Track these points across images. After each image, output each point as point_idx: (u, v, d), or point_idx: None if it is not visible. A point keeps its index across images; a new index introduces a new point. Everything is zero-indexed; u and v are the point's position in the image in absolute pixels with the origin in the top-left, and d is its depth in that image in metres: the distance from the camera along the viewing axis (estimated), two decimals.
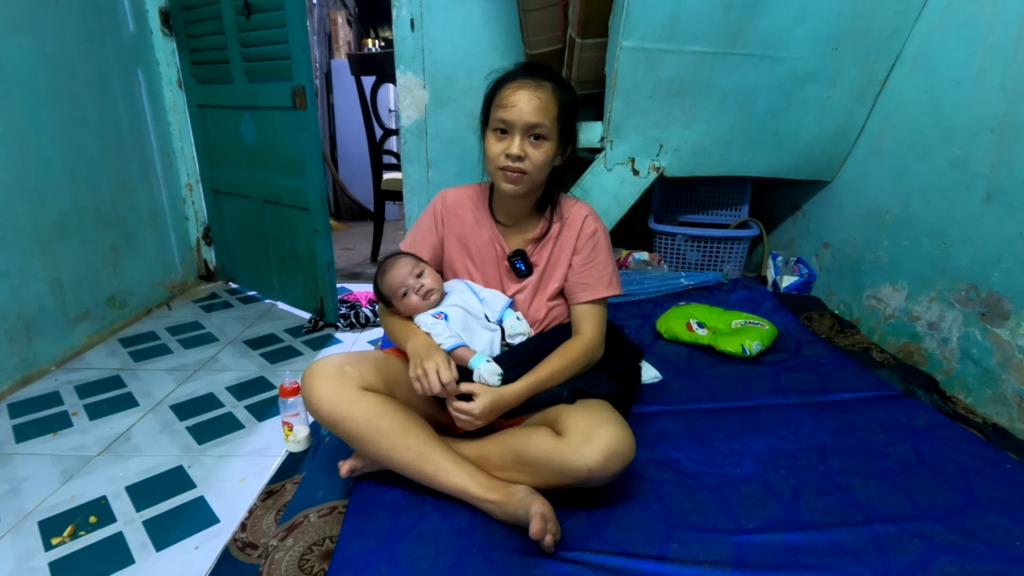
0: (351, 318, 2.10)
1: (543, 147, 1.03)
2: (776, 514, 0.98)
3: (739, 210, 2.27)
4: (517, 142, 1.02)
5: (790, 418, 1.28)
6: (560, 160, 1.10)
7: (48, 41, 1.76)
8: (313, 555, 0.93)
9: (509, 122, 1.02)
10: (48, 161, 1.77)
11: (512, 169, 1.03)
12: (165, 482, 1.26)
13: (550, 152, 1.04)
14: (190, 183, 2.46)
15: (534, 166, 1.03)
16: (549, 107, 1.02)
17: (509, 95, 1.02)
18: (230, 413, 1.54)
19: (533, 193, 1.13)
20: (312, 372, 1.02)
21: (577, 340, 1.12)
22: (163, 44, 2.26)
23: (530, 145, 1.03)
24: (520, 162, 1.02)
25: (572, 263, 1.15)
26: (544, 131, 1.02)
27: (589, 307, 1.14)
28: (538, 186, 1.10)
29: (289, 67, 1.86)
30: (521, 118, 1.01)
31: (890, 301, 1.72)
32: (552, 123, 1.03)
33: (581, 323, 1.14)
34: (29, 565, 1.03)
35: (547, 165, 1.06)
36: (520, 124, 1.01)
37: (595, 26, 1.75)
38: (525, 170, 1.03)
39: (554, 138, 1.04)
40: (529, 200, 1.15)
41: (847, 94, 1.77)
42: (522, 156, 1.02)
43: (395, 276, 1.11)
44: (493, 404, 1.00)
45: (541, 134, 1.02)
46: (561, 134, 1.06)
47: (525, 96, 1.01)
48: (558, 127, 1.04)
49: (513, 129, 1.02)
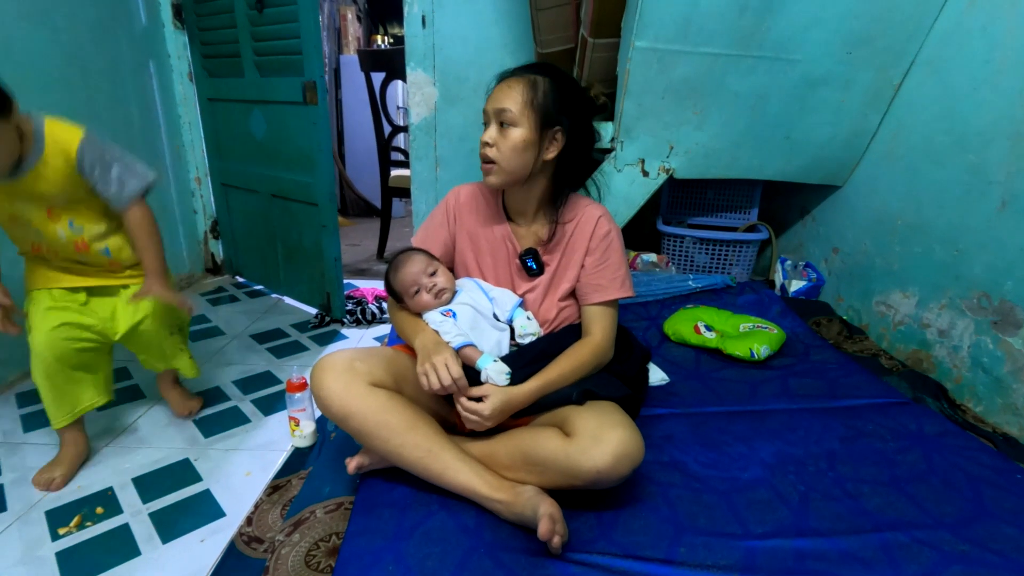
0: (357, 314, 2.10)
1: (510, 133, 1.02)
2: (785, 520, 0.98)
3: (748, 213, 2.26)
4: (488, 130, 1.04)
5: (799, 423, 1.28)
6: (549, 154, 1.06)
7: (62, 32, 1.76)
8: (320, 551, 0.93)
9: (486, 112, 1.05)
10: None
11: (483, 157, 1.05)
12: (171, 475, 1.26)
13: (519, 139, 1.02)
14: (199, 176, 2.46)
15: (501, 153, 1.03)
16: (517, 94, 1.02)
17: (492, 90, 1.06)
18: (236, 407, 1.54)
19: (530, 187, 1.10)
20: (322, 367, 1.02)
21: (587, 342, 1.11)
22: (175, 37, 2.26)
23: (498, 132, 1.03)
24: (489, 148, 1.04)
25: (584, 264, 1.14)
26: (510, 117, 1.02)
27: (600, 308, 1.13)
28: (519, 177, 1.07)
29: (300, 62, 1.86)
30: (491, 107, 1.04)
31: (900, 307, 1.71)
32: (521, 109, 1.01)
33: (592, 324, 1.13)
34: (37, 554, 1.03)
35: (516, 153, 1.03)
36: (490, 112, 1.04)
37: (607, 26, 1.75)
38: (492, 157, 1.04)
39: (525, 125, 1.02)
40: (533, 196, 1.13)
41: (861, 98, 1.76)
42: (490, 143, 1.04)
43: (408, 273, 1.11)
44: (503, 405, 0.99)
45: (507, 120, 1.02)
46: (540, 123, 1.03)
47: (501, 86, 1.05)
48: (531, 115, 1.02)
49: (488, 118, 1.05)
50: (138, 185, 1.16)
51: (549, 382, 1.04)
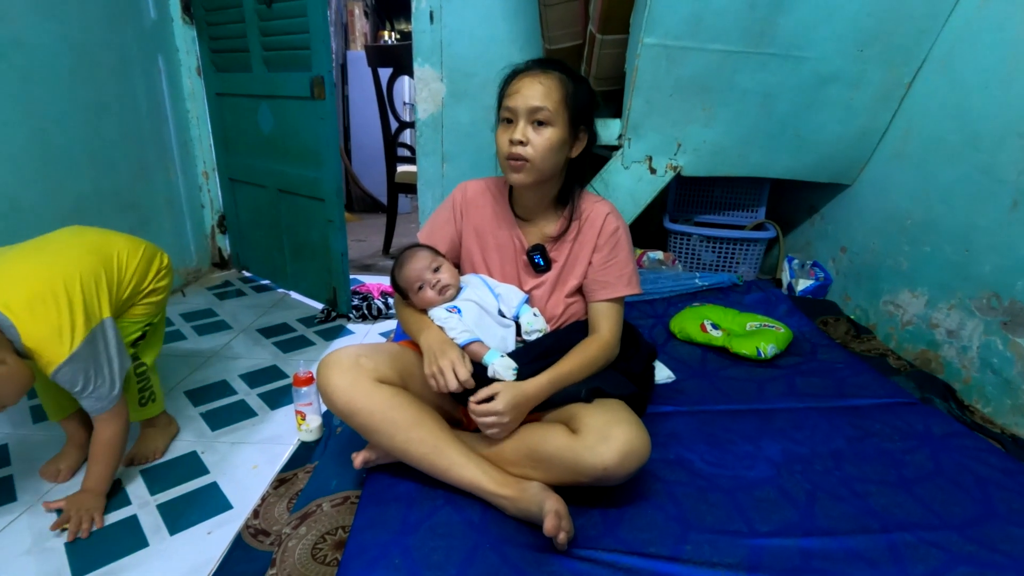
0: (363, 309, 2.10)
1: (546, 132, 1.01)
2: (791, 518, 0.97)
3: (756, 212, 2.25)
4: (520, 127, 1.02)
5: (805, 422, 1.27)
6: (574, 152, 1.08)
7: (72, 26, 1.77)
8: (326, 544, 0.94)
9: (513, 109, 1.02)
10: (68, 145, 1.78)
11: (515, 156, 1.02)
12: (179, 467, 1.27)
13: (554, 139, 1.02)
14: (206, 171, 2.47)
15: (536, 152, 1.02)
16: (552, 92, 1.01)
17: (515, 84, 1.03)
18: (243, 400, 1.55)
19: (546, 186, 1.11)
20: (328, 363, 1.03)
21: (595, 339, 1.10)
22: (183, 32, 2.27)
23: (532, 130, 1.02)
24: (522, 147, 1.01)
25: (592, 260, 1.14)
26: (547, 116, 1.01)
27: (607, 305, 1.13)
28: (548, 176, 1.07)
29: (309, 57, 1.86)
30: (523, 103, 1.01)
31: (908, 307, 1.70)
32: (556, 108, 1.01)
33: (599, 321, 1.12)
34: (45, 545, 1.04)
35: (552, 153, 1.03)
36: (523, 109, 1.01)
37: (616, 22, 1.74)
38: (526, 156, 1.02)
39: (560, 125, 1.02)
40: (546, 193, 1.13)
41: (871, 96, 1.75)
42: (524, 141, 1.01)
43: (412, 269, 1.11)
44: (515, 399, 0.98)
45: (543, 119, 1.01)
46: (571, 122, 1.03)
47: (528, 82, 1.02)
48: (565, 114, 1.02)
49: (517, 116, 1.02)
50: (100, 408, 1.08)
51: (560, 376, 1.03)
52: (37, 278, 1.02)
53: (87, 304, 1.05)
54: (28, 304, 0.98)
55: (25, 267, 1.04)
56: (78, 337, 1.01)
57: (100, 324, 1.07)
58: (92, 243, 1.16)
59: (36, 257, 1.08)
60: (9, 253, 1.08)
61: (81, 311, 1.03)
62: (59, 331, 1.00)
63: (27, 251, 1.10)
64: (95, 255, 1.13)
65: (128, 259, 1.19)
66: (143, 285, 1.22)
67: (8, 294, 0.97)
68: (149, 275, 1.24)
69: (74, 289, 1.04)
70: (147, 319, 1.25)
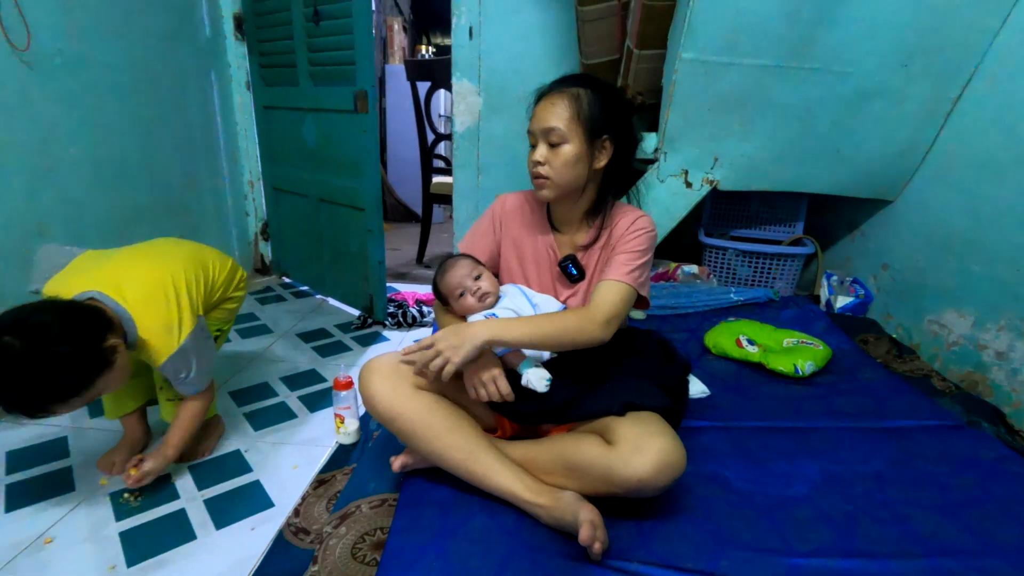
0: (398, 317, 2.15)
1: (561, 151, 1.05)
2: (830, 539, 0.96)
3: (793, 227, 2.22)
4: (538, 149, 1.07)
5: (844, 442, 1.25)
6: (598, 163, 1.08)
7: (134, 43, 1.88)
8: (365, 544, 0.96)
9: (532, 132, 1.09)
10: (127, 156, 1.89)
11: (536, 175, 1.08)
12: (224, 465, 1.33)
13: (570, 155, 1.05)
14: (252, 180, 2.57)
15: (553, 170, 1.06)
16: (563, 111, 1.04)
17: (535, 108, 1.09)
18: (284, 402, 1.60)
19: (576, 197, 1.12)
20: (369, 369, 1.06)
21: (579, 309, 1.07)
22: (235, 48, 2.38)
23: (549, 150, 1.06)
24: (540, 167, 1.07)
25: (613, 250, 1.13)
26: (558, 136, 1.04)
27: (608, 284, 1.08)
28: (571, 190, 1.09)
29: (353, 72, 1.93)
30: (538, 126, 1.07)
31: (954, 327, 1.65)
32: (568, 126, 1.04)
33: (593, 297, 1.08)
34: (103, 533, 1.10)
35: (569, 168, 1.06)
36: (538, 132, 1.07)
37: (654, 38, 1.76)
38: (546, 175, 1.07)
39: (575, 141, 1.05)
40: (579, 205, 1.15)
41: (916, 111, 1.72)
42: (542, 161, 1.06)
43: (454, 276, 1.14)
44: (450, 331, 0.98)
45: (555, 140, 1.05)
46: (588, 135, 1.05)
47: (542, 105, 1.07)
48: (579, 129, 1.04)
49: (536, 138, 1.08)
50: (195, 390, 1.21)
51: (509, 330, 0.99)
52: (150, 278, 1.15)
53: (192, 302, 1.18)
54: (143, 300, 1.11)
55: (138, 268, 1.17)
56: (185, 331, 1.14)
57: (200, 320, 1.19)
58: (190, 251, 1.30)
59: (145, 260, 1.22)
60: (117, 255, 1.22)
61: (188, 308, 1.17)
62: (169, 325, 1.13)
63: (135, 254, 1.24)
64: (194, 261, 1.26)
65: (219, 269, 1.33)
66: (227, 292, 1.36)
67: (126, 291, 1.10)
68: (232, 284, 1.38)
69: (181, 289, 1.17)
70: (220, 324, 1.38)
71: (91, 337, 1.00)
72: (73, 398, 1.00)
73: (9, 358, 0.92)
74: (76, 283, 1.10)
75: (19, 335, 0.93)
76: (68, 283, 1.10)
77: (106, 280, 1.11)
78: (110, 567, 1.02)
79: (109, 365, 1.02)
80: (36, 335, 0.94)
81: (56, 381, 0.96)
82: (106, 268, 1.16)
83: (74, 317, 1.00)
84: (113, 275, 1.13)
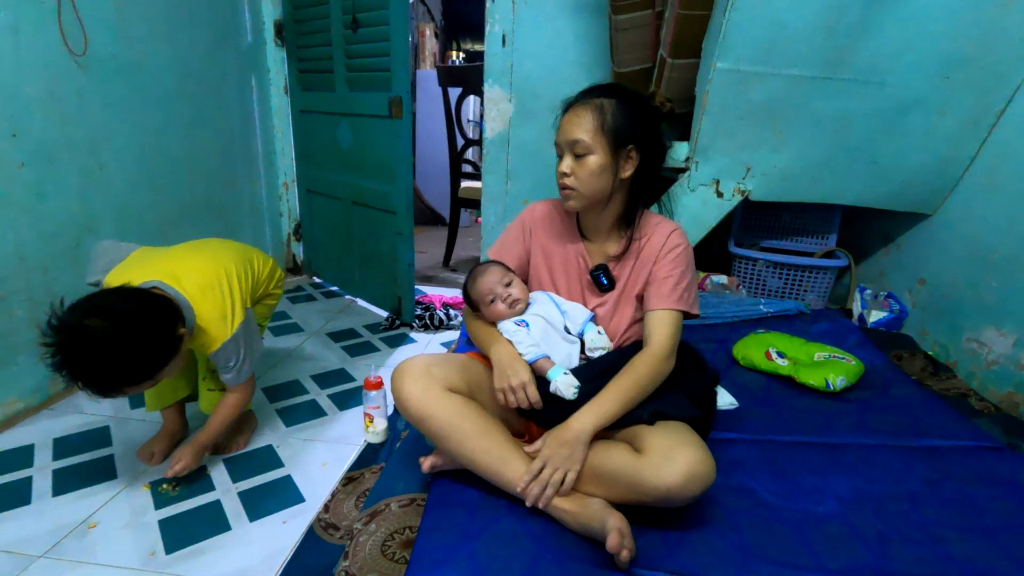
0: (426, 319, 2.18)
1: (586, 162, 1.07)
2: (862, 558, 0.94)
3: (826, 239, 2.19)
4: (564, 161, 1.09)
5: (877, 460, 1.22)
6: (624, 172, 1.09)
7: (181, 49, 1.96)
8: (394, 542, 0.98)
9: (559, 144, 1.11)
10: (173, 157, 1.96)
11: (563, 186, 1.10)
12: (257, 459, 1.36)
13: (595, 166, 1.06)
14: (287, 182, 2.64)
15: (579, 181, 1.08)
16: (587, 123, 1.06)
17: (561, 120, 1.11)
18: (314, 400, 1.64)
19: (604, 207, 1.13)
20: (401, 371, 1.08)
21: (644, 355, 1.08)
22: (275, 53, 2.45)
23: (575, 162, 1.08)
24: (566, 178, 1.09)
25: (652, 274, 1.14)
26: (583, 147, 1.06)
27: (660, 315, 1.11)
28: (598, 199, 1.11)
29: (389, 78, 1.97)
30: (563, 138, 1.09)
31: (994, 346, 1.60)
32: (592, 137, 1.05)
33: (652, 331, 1.10)
34: (143, 521, 1.14)
35: (594, 179, 1.07)
36: (564, 144, 1.09)
37: (688, 47, 1.76)
38: (572, 185, 1.08)
39: (600, 151, 1.06)
40: (607, 214, 1.16)
41: (957, 123, 1.68)
42: (568, 173, 1.08)
43: (485, 283, 1.16)
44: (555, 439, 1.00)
45: (580, 151, 1.07)
46: (613, 146, 1.06)
47: (568, 117, 1.09)
48: (603, 140, 1.05)
49: (563, 149, 1.10)
50: (239, 381, 1.26)
51: (606, 408, 1.02)
52: (206, 270, 1.22)
53: (242, 294, 1.25)
54: (201, 290, 1.17)
55: (193, 261, 1.25)
56: (237, 320, 1.21)
57: (248, 312, 1.26)
58: (237, 248, 1.38)
59: (200, 253, 1.30)
60: (173, 250, 1.30)
61: (239, 299, 1.24)
62: (224, 314, 1.19)
63: (190, 249, 1.33)
64: (241, 257, 1.34)
65: (262, 265, 1.40)
66: (268, 289, 1.43)
67: (184, 281, 1.16)
68: (273, 281, 1.45)
69: (232, 281, 1.24)
70: (260, 319, 1.43)
71: (167, 325, 1.07)
72: (146, 380, 1.06)
73: (96, 339, 0.97)
74: (139, 274, 1.16)
75: (107, 319, 0.98)
76: (130, 275, 1.16)
77: (166, 271, 1.17)
78: (150, 553, 1.06)
79: (177, 352, 1.09)
80: (122, 320, 1.00)
81: (134, 364, 1.02)
82: (164, 261, 1.23)
83: (154, 306, 1.06)
84: (171, 267, 1.19)
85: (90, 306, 1.00)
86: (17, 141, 1.42)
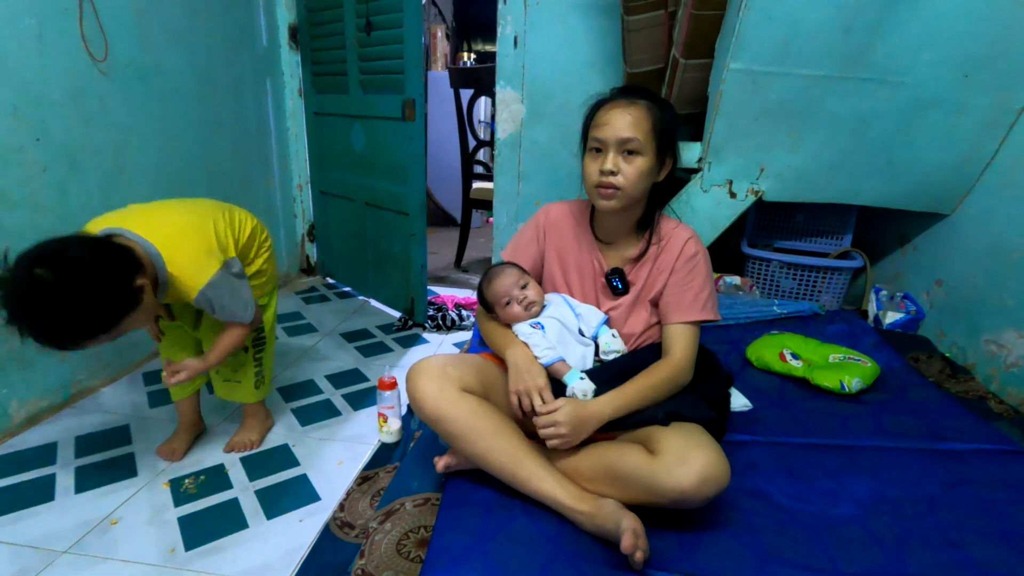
0: (438, 320, 2.19)
1: (636, 162, 1.05)
2: (879, 562, 0.94)
3: (841, 239, 2.17)
4: (610, 158, 1.05)
5: (894, 463, 1.21)
6: (659, 177, 1.11)
7: (198, 52, 1.98)
8: (410, 541, 0.99)
9: (602, 140, 1.06)
10: (191, 158, 1.99)
11: (605, 184, 1.06)
12: (273, 457, 1.38)
13: (644, 167, 1.05)
14: (301, 184, 2.67)
15: (627, 181, 1.05)
16: (641, 122, 1.04)
17: (603, 115, 1.06)
18: (329, 400, 1.66)
19: (631, 211, 1.14)
20: (417, 371, 1.09)
21: (666, 362, 1.11)
22: (289, 56, 2.48)
23: (623, 160, 1.05)
24: (613, 177, 1.05)
25: (668, 283, 1.15)
26: (636, 146, 1.04)
27: (681, 328, 1.13)
28: (635, 203, 1.11)
29: (402, 81, 1.99)
30: (613, 134, 1.04)
31: (1014, 348, 1.58)
32: (645, 137, 1.04)
33: (671, 344, 1.13)
34: (163, 517, 1.17)
35: (641, 180, 1.06)
36: (612, 140, 1.04)
37: (701, 47, 1.75)
38: (618, 185, 1.05)
39: (649, 153, 1.05)
40: (628, 218, 1.16)
41: (976, 123, 1.66)
42: (615, 171, 1.05)
43: (501, 285, 1.16)
44: (576, 412, 1.01)
45: (633, 149, 1.04)
46: (658, 150, 1.06)
47: (617, 113, 1.05)
48: (653, 142, 1.05)
49: (606, 146, 1.05)
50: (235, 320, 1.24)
51: (625, 399, 1.05)
52: (179, 219, 1.20)
53: (220, 242, 1.22)
54: (172, 238, 1.14)
55: (168, 211, 1.24)
56: (214, 266, 1.17)
57: (231, 259, 1.23)
58: (219, 203, 1.36)
59: (176, 206, 1.29)
60: (151, 204, 1.28)
61: (216, 246, 1.20)
62: (198, 259, 1.16)
63: (167, 203, 1.31)
64: (222, 210, 1.31)
65: (245, 221, 1.36)
66: (255, 241, 1.38)
67: (158, 231, 1.14)
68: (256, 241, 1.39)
69: (208, 230, 1.21)
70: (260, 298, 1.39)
71: (123, 276, 1.01)
72: (102, 334, 1.01)
73: (40, 290, 0.91)
74: (101, 223, 1.13)
75: (53, 268, 0.92)
76: (98, 223, 1.14)
77: (138, 220, 1.14)
78: (170, 550, 1.08)
79: (136, 304, 1.04)
80: (70, 270, 0.93)
81: (85, 318, 0.97)
82: (141, 213, 1.20)
83: (107, 255, 1.01)
84: (147, 218, 1.17)
85: (37, 255, 0.93)
86: (41, 145, 1.46)
